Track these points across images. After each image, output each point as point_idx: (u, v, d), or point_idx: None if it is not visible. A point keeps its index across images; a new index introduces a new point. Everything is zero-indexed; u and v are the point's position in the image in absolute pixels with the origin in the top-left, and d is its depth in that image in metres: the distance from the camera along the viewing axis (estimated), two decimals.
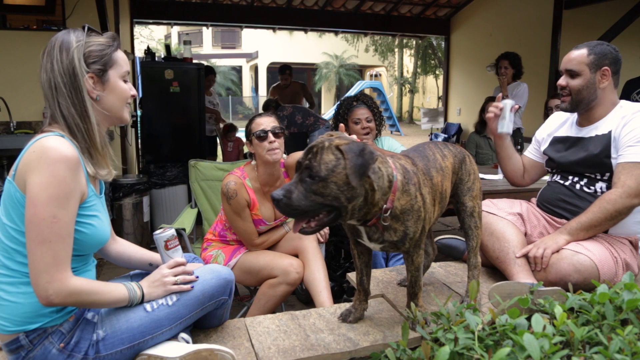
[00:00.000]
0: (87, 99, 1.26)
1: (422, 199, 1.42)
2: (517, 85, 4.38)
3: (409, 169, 1.43)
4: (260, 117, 2.25)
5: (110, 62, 1.30)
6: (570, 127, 2.06)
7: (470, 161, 1.75)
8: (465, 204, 1.71)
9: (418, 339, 1.46)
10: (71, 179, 1.18)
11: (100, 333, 1.28)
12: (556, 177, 2.04)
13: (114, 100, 1.33)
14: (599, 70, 1.89)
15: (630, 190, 1.75)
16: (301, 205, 1.20)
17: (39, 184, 1.14)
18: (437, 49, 15.20)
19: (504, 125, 2.06)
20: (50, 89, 1.26)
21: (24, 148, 1.21)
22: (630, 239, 1.87)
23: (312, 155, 1.23)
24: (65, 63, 1.25)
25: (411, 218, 1.39)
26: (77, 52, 1.25)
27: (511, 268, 1.85)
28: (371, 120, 2.72)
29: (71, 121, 1.25)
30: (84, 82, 1.26)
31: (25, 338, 1.22)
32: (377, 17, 6.93)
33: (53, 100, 1.26)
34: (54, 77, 1.25)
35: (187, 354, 1.31)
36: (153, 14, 6.11)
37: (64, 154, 1.17)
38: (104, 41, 1.31)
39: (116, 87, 1.32)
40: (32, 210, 1.15)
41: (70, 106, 1.25)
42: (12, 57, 4.04)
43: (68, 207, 1.18)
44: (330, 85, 24.18)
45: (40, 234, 1.14)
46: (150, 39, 19.92)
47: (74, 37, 1.27)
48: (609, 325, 1.11)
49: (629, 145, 1.80)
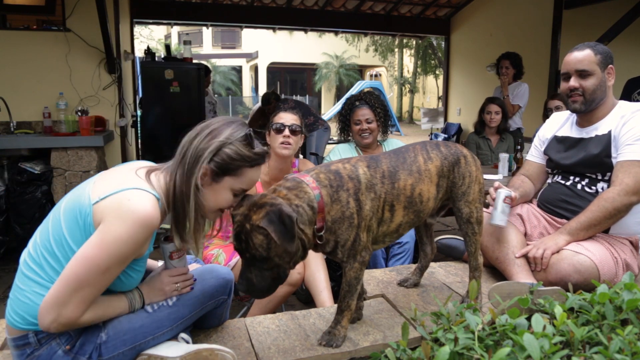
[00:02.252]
0: (192, 185, 1.26)
1: (358, 204, 1.39)
2: (518, 85, 4.38)
3: (343, 174, 1.40)
4: (285, 111, 2.29)
5: (233, 171, 1.29)
6: (570, 128, 2.06)
7: (466, 163, 1.65)
8: (461, 209, 1.65)
9: (418, 339, 1.46)
10: (142, 243, 1.20)
11: (103, 336, 1.28)
12: (557, 178, 2.04)
13: (211, 200, 1.31)
14: (606, 69, 1.90)
15: (628, 188, 1.75)
16: (263, 284, 1.31)
17: (115, 234, 1.15)
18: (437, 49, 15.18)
19: (496, 216, 1.89)
20: (181, 154, 1.29)
21: (122, 186, 1.21)
22: (630, 239, 1.87)
23: (244, 244, 1.27)
24: (202, 145, 1.27)
25: (342, 226, 1.38)
26: (216, 144, 1.27)
27: (511, 268, 1.85)
28: (372, 121, 2.71)
29: (178, 194, 1.27)
30: (199, 170, 1.26)
31: (34, 337, 1.23)
32: (377, 17, 6.93)
33: (177, 164, 1.29)
34: (188, 147, 1.28)
35: (188, 354, 1.31)
36: (153, 14, 6.11)
37: (150, 221, 1.18)
38: (245, 154, 1.30)
39: (220, 192, 1.31)
40: (93, 252, 1.15)
41: (183, 182, 1.27)
42: (12, 57, 4.04)
43: (124, 264, 1.21)
44: (330, 85, 24.17)
45: (85, 275, 1.15)
46: (150, 39, 19.90)
47: (229, 132, 1.29)
48: (609, 325, 1.11)
49: (627, 143, 1.80)
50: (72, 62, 4.17)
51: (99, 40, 4.07)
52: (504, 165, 3.38)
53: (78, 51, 4.19)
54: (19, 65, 4.06)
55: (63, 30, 4.14)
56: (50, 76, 4.15)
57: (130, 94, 5.14)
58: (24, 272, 1.23)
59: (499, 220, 1.89)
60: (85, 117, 3.80)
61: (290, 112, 2.28)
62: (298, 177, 1.38)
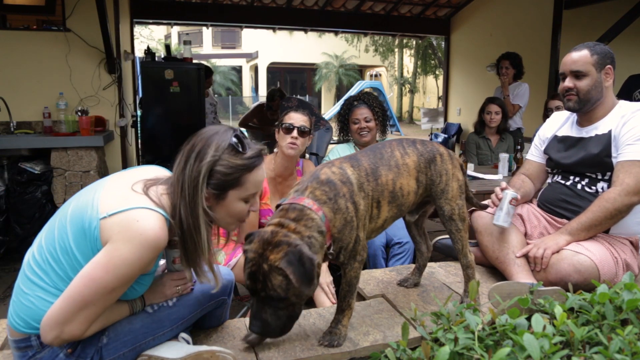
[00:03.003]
0: (201, 215, 1.23)
1: (354, 207, 1.40)
2: (518, 86, 4.38)
3: (335, 180, 1.39)
4: (296, 112, 2.31)
5: (233, 184, 1.25)
6: (570, 127, 2.06)
7: (442, 161, 1.65)
8: (442, 207, 1.66)
9: (418, 339, 1.46)
10: (148, 263, 1.18)
11: (104, 339, 1.28)
12: (557, 177, 2.04)
13: (224, 216, 1.29)
14: (603, 70, 1.89)
15: (629, 188, 1.75)
16: (279, 323, 1.29)
17: (122, 256, 1.13)
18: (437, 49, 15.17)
19: (500, 217, 1.88)
20: (177, 186, 1.23)
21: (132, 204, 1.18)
22: (630, 239, 1.87)
23: (261, 285, 1.23)
24: (194, 172, 1.22)
25: (345, 231, 1.38)
26: (206, 167, 1.22)
27: (511, 268, 1.85)
28: (370, 120, 2.72)
29: (186, 226, 1.22)
30: (202, 197, 1.22)
31: (37, 340, 1.22)
32: (377, 17, 6.93)
33: (176, 198, 1.23)
34: (182, 179, 1.23)
35: (189, 355, 1.31)
36: (153, 14, 6.11)
37: (158, 243, 1.16)
38: (238, 163, 1.25)
39: (230, 206, 1.28)
40: (100, 274, 1.13)
41: (189, 215, 1.22)
42: (12, 57, 4.04)
43: (129, 284, 1.20)
44: (330, 85, 24.17)
45: (90, 296, 1.14)
46: (150, 39, 19.90)
47: (214, 147, 1.23)
48: (609, 325, 1.11)
49: (628, 143, 1.80)
50: (72, 62, 4.17)
51: (99, 40, 4.07)
52: (504, 165, 3.38)
53: (78, 51, 4.19)
54: (19, 65, 4.06)
55: (63, 30, 4.14)
56: (50, 76, 4.15)
57: (130, 94, 5.14)
58: (28, 275, 1.22)
59: (502, 221, 1.88)
60: (85, 117, 3.80)
61: (301, 112, 2.31)
62: (298, 204, 1.32)
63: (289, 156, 2.27)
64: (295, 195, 1.37)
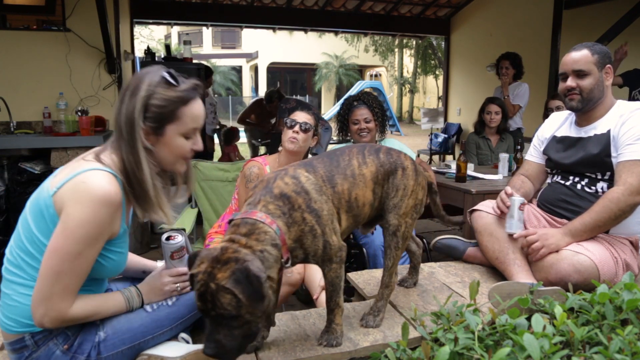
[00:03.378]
0: (141, 151, 1.23)
1: (314, 215, 1.33)
2: (518, 86, 4.38)
3: (289, 192, 1.32)
4: (301, 110, 2.41)
5: (170, 118, 1.25)
6: (569, 127, 2.06)
7: (403, 175, 1.55)
8: (389, 221, 1.54)
9: (418, 339, 1.46)
10: (108, 221, 1.19)
11: (102, 334, 1.28)
12: (557, 178, 2.04)
13: (167, 154, 1.29)
14: (603, 69, 1.90)
15: (632, 188, 1.74)
16: (234, 343, 1.18)
17: (77, 219, 1.14)
18: (437, 49, 15.18)
19: (512, 225, 1.88)
20: (116, 128, 1.26)
21: (75, 171, 1.19)
22: (630, 239, 1.87)
23: (211, 305, 1.14)
24: (129, 110, 1.23)
25: (306, 240, 1.33)
26: (141, 102, 1.22)
27: (511, 268, 1.85)
28: (370, 121, 2.73)
29: (128, 166, 1.24)
30: (139, 133, 1.23)
31: (31, 339, 1.23)
32: (377, 17, 6.93)
33: (117, 141, 1.25)
34: (120, 120, 1.24)
35: (188, 354, 1.32)
36: (153, 14, 6.11)
37: (110, 197, 1.17)
38: (172, 96, 1.25)
39: (171, 143, 1.28)
40: (60, 242, 1.15)
41: (129, 153, 1.23)
42: (12, 57, 4.04)
43: (95, 246, 1.19)
44: (330, 85, 24.18)
45: (60, 265, 1.15)
46: (150, 39, 19.90)
47: (147, 82, 1.24)
48: (609, 325, 1.12)
49: (628, 143, 1.80)
50: (72, 62, 4.17)
51: (99, 40, 4.07)
52: (504, 165, 3.38)
53: (78, 51, 4.19)
54: (19, 65, 4.06)
55: (63, 30, 4.14)
56: (50, 76, 4.15)
57: None
58: (7, 277, 1.24)
59: (515, 228, 1.88)
60: (85, 117, 3.80)
61: (307, 112, 2.40)
62: (250, 218, 1.26)
63: (290, 152, 2.31)
64: (248, 209, 1.30)
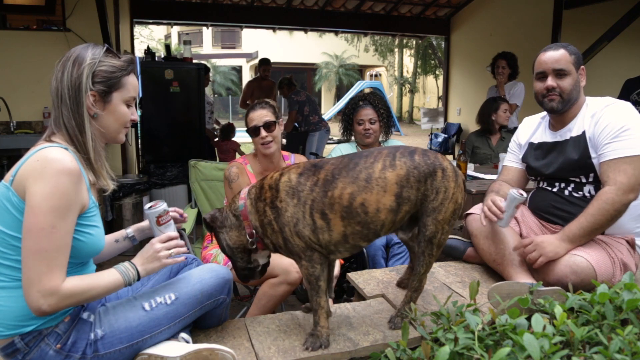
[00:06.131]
0: (85, 115, 1.30)
1: (275, 212, 1.44)
2: (513, 85, 4.38)
3: (265, 185, 1.49)
4: (253, 111, 2.27)
5: (117, 85, 1.34)
6: (544, 132, 2.03)
7: (443, 177, 1.44)
8: (427, 225, 1.45)
9: (418, 339, 1.46)
10: (73, 191, 1.20)
11: (99, 332, 1.29)
12: (543, 184, 2.01)
13: (112, 121, 1.36)
14: (578, 70, 1.89)
15: (623, 187, 1.72)
16: None
17: (41, 193, 1.16)
18: (437, 49, 15.17)
19: (506, 219, 1.84)
20: (57, 97, 1.30)
21: (26, 155, 1.23)
22: (626, 239, 1.85)
23: None
24: (74, 76, 1.29)
25: (266, 231, 1.49)
26: (88, 68, 1.29)
27: (509, 270, 1.85)
28: (375, 122, 2.71)
29: (71, 132, 1.30)
30: (86, 98, 1.29)
31: (21, 341, 1.22)
32: (377, 17, 6.94)
33: (57, 109, 1.30)
34: (61, 87, 1.29)
35: (188, 354, 1.31)
36: (153, 14, 6.11)
37: (67, 166, 1.19)
38: (118, 64, 1.35)
39: (116, 109, 1.36)
40: (31, 220, 1.16)
41: (71, 118, 1.29)
42: (12, 57, 4.04)
43: (67, 218, 1.20)
44: (330, 85, 24.17)
45: (38, 243, 1.16)
46: (150, 39, 19.89)
47: (90, 53, 1.32)
48: (609, 325, 1.12)
49: (606, 142, 1.78)
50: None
51: (99, 40, 4.07)
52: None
53: None
54: (19, 65, 4.06)
55: (63, 30, 4.14)
56: (50, 76, 4.14)
57: None
58: None
59: (505, 223, 1.87)
60: None
61: (259, 108, 2.26)
62: (242, 191, 1.56)
63: (269, 155, 2.28)
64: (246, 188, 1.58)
